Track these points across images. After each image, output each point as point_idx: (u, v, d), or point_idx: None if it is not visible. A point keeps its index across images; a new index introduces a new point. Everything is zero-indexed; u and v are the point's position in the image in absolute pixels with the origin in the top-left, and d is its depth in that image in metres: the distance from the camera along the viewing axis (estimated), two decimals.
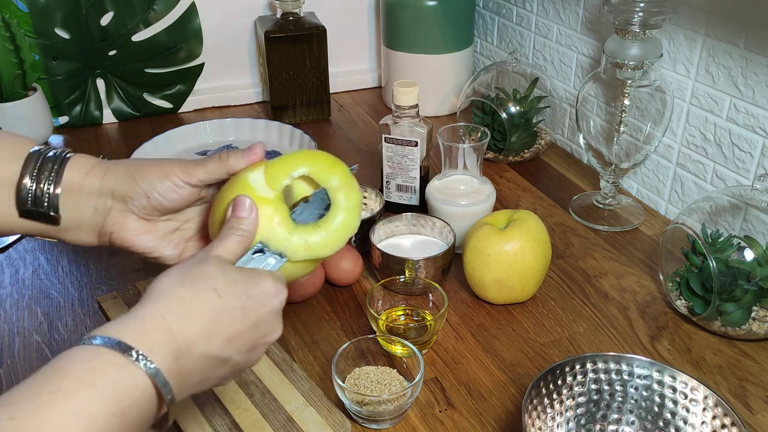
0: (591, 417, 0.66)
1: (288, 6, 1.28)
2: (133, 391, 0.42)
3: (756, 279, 0.76)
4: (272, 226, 0.56)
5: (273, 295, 0.52)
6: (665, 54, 0.98)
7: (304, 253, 0.57)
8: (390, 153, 0.98)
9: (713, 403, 0.61)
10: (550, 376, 0.63)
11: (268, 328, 0.52)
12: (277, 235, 0.56)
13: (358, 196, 0.60)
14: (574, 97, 1.18)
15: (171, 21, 1.30)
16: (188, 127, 1.22)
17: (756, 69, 0.86)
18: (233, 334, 0.49)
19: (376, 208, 0.97)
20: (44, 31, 1.23)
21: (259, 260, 0.55)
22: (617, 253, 0.95)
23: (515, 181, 1.14)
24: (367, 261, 0.91)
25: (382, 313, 0.81)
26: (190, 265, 0.51)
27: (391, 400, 0.67)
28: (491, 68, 1.21)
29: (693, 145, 0.97)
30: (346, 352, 0.71)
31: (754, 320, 0.78)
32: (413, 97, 0.94)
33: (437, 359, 0.78)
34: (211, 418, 0.67)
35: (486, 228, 0.83)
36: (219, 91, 1.40)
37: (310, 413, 0.67)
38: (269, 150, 1.21)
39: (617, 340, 0.80)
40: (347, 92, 1.48)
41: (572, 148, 1.23)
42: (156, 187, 0.57)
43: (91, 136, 1.29)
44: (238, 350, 0.50)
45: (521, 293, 0.84)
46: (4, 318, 0.84)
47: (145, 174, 0.57)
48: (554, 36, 1.21)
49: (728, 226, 0.88)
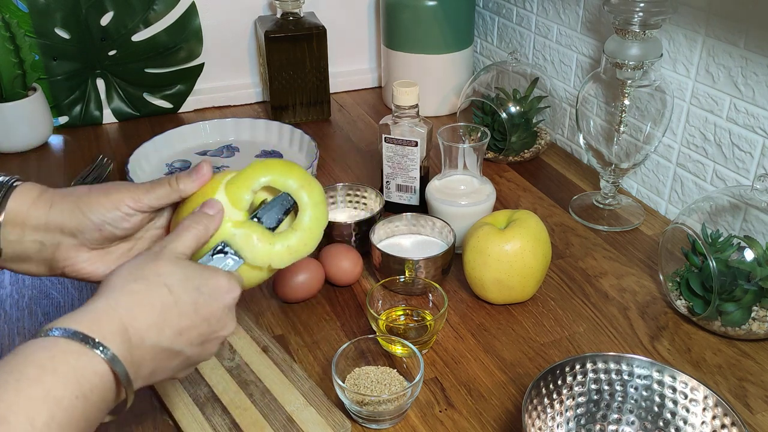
0: (591, 417, 0.66)
1: (288, 6, 1.28)
2: (92, 376, 0.44)
3: (756, 279, 0.76)
4: (253, 244, 0.58)
5: (225, 291, 0.53)
6: (665, 54, 0.98)
7: (289, 258, 0.59)
8: (390, 153, 0.98)
9: (713, 403, 0.61)
10: (550, 376, 0.63)
11: (220, 323, 0.53)
12: (260, 251, 0.58)
13: (319, 191, 0.62)
14: (574, 97, 1.18)
15: (171, 21, 1.30)
16: (188, 127, 1.23)
17: (756, 69, 0.86)
18: (184, 327, 0.50)
19: (376, 208, 0.97)
20: (44, 31, 1.23)
21: (218, 261, 0.56)
22: (617, 253, 0.95)
23: (515, 181, 1.14)
24: (367, 261, 0.91)
25: (382, 313, 0.81)
26: (143, 260, 0.52)
27: (391, 400, 0.67)
28: (491, 68, 1.21)
29: (693, 145, 0.97)
30: (346, 352, 0.71)
31: (754, 320, 0.78)
32: (413, 97, 0.94)
33: (437, 359, 0.78)
34: (211, 418, 0.67)
35: (486, 228, 0.83)
36: (219, 91, 1.40)
37: (310, 413, 0.67)
38: (269, 150, 1.21)
39: (617, 340, 0.80)
40: (347, 92, 1.48)
41: (572, 148, 1.23)
42: (106, 218, 0.57)
43: (91, 136, 1.29)
44: (190, 343, 0.51)
45: (521, 293, 0.84)
46: (4, 318, 0.84)
47: (93, 206, 0.57)
48: (554, 36, 1.21)
49: (728, 226, 0.88)
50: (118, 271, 0.51)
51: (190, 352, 0.52)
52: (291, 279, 0.83)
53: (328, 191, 0.97)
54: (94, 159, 1.17)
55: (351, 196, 0.99)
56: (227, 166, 1.16)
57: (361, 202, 0.98)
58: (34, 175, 1.15)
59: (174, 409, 0.68)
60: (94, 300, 0.48)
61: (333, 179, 1.14)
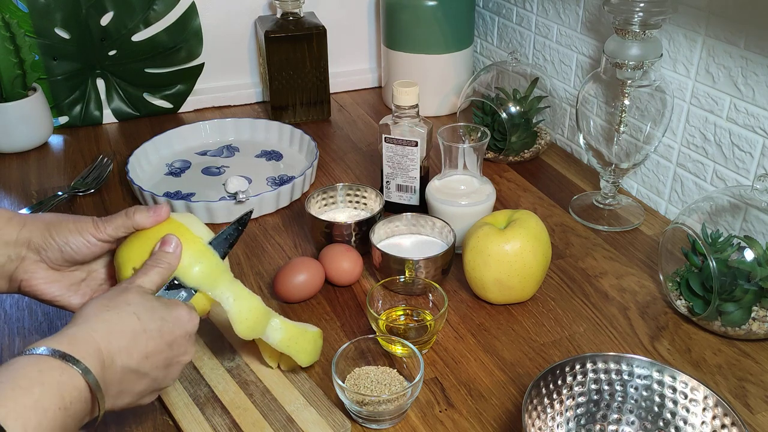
0: (591, 417, 0.66)
1: (288, 6, 1.28)
2: (72, 390, 0.49)
3: (756, 279, 0.76)
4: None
5: (186, 320, 0.59)
6: (665, 54, 0.98)
7: None
8: (390, 153, 0.98)
9: (713, 403, 0.61)
10: (550, 376, 0.63)
11: (181, 349, 0.59)
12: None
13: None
14: (574, 97, 1.18)
15: (171, 21, 1.30)
16: (188, 127, 1.23)
17: (756, 69, 0.86)
18: (150, 351, 0.56)
19: (376, 208, 0.97)
20: (44, 31, 1.23)
21: (173, 294, 0.62)
22: (617, 253, 0.95)
23: (515, 181, 1.14)
24: (367, 261, 0.91)
25: (382, 313, 0.81)
26: (113, 293, 0.58)
27: (391, 400, 0.67)
28: (491, 68, 1.21)
29: (693, 145, 0.97)
30: (346, 352, 0.71)
31: (754, 320, 0.78)
32: (413, 97, 0.94)
33: (437, 359, 0.78)
34: (211, 418, 0.67)
35: (486, 228, 0.83)
36: (219, 91, 1.40)
37: (310, 413, 0.67)
38: (269, 150, 1.21)
39: (617, 340, 0.80)
40: (347, 92, 1.48)
41: (572, 148, 1.23)
42: (69, 242, 0.63)
43: (91, 136, 1.29)
44: (155, 366, 0.57)
45: (521, 293, 0.84)
46: (4, 318, 0.84)
47: (61, 229, 0.63)
48: (554, 36, 1.21)
49: (728, 226, 0.88)
50: (91, 303, 0.56)
51: (155, 375, 0.57)
52: (291, 279, 0.83)
53: (329, 191, 0.97)
54: (94, 159, 1.17)
55: (351, 196, 0.99)
56: (227, 166, 1.16)
57: (361, 202, 0.98)
58: (34, 175, 1.15)
59: (174, 409, 0.68)
60: (71, 327, 0.53)
61: (333, 179, 1.14)
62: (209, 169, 1.15)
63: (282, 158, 1.19)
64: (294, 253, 0.96)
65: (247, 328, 0.65)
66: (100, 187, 1.11)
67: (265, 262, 0.94)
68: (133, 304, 0.56)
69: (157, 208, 0.64)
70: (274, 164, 1.17)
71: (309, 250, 0.96)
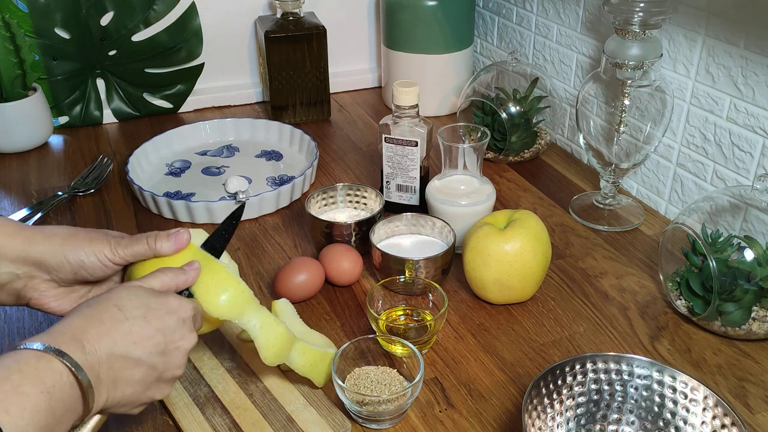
0: (591, 417, 0.66)
1: (288, 6, 1.28)
2: (52, 373, 0.50)
3: (756, 279, 0.76)
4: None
5: (177, 306, 0.58)
6: (665, 54, 0.98)
7: None
8: (390, 153, 0.98)
9: (713, 403, 0.61)
10: (550, 376, 0.63)
11: (176, 334, 0.58)
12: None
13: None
14: (574, 97, 1.18)
15: (171, 21, 1.30)
16: (188, 127, 1.23)
17: (756, 69, 0.86)
18: (138, 337, 0.55)
19: (376, 208, 0.97)
20: (44, 31, 1.23)
21: None
22: (617, 253, 0.95)
23: (515, 181, 1.14)
24: (367, 261, 0.91)
25: (382, 313, 0.81)
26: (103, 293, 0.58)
27: (391, 400, 0.67)
28: (491, 68, 1.21)
29: (693, 145, 0.97)
30: (346, 352, 0.71)
31: (754, 320, 0.78)
32: (413, 97, 0.94)
33: (437, 359, 0.78)
34: (211, 418, 0.67)
35: (486, 228, 0.83)
36: (219, 91, 1.40)
37: (310, 413, 0.67)
38: (269, 150, 1.21)
39: (617, 340, 0.80)
40: (347, 92, 1.48)
41: (572, 148, 1.23)
42: (84, 264, 0.63)
43: (91, 136, 1.29)
44: (149, 352, 0.56)
45: (521, 293, 0.84)
46: (4, 318, 0.84)
47: (75, 249, 0.62)
48: (554, 36, 1.21)
49: (728, 226, 0.88)
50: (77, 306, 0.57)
51: (153, 362, 0.56)
52: (291, 279, 0.83)
53: (329, 191, 0.97)
54: (94, 159, 1.17)
55: (351, 196, 0.99)
56: (227, 166, 1.16)
57: (361, 202, 0.98)
58: (34, 175, 1.15)
59: (174, 409, 0.68)
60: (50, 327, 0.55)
61: (333, 179, 1.14)
62: (209, 169, 1.15)
63: (282, 158, 1.19)
64: (294, 253, 0.96)
65: (273, 355, 0.64)
66: (100, 187, 1.11)
67: (265, 262, 0.94)
68: (115, 297, 0.56)
69: (177, 236, 0.63)
70: (274, 164, 1.17)
71: (309, 250, 0.96)
